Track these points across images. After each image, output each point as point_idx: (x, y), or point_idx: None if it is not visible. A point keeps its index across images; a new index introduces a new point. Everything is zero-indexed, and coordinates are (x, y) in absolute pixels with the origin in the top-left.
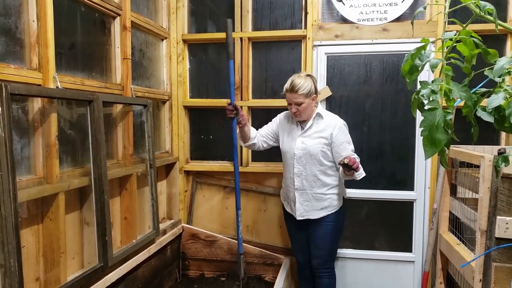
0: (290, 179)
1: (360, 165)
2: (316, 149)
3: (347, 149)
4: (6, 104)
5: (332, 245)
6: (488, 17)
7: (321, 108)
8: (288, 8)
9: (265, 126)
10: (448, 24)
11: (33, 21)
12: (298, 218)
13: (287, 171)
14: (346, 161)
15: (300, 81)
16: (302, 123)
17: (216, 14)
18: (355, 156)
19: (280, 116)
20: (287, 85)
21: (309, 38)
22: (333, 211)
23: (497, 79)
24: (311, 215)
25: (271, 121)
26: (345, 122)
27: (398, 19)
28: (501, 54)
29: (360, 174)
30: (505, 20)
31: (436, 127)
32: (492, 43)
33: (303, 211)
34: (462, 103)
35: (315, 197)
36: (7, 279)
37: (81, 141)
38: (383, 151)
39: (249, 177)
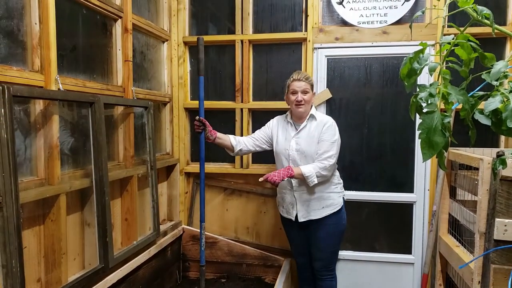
0: (286, 180)
1: (293, 173)
2: (310, 149)
3: (323, 147)
4: (8, 106)
5: (335, 247)
6: (485, 21)
7: (314, 110)
8: (289, 11)
9: (258, 131)
10: (448, 27)
11: (36, 23)
12: (301, 220)
13: None
14: (260, 179)
15: (307, 73)
16: (296, 124)
17: (217, 17)
18: (328, 156)
19: (274, 119)
20: (294, 75)
21: (309, 41)
22: (334, 210)
23: (494, 83)
24: (313, 216)
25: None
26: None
27: (398, 22)
28: (501, 57)
29: (311, 180)
30: (504, 24)
31: (434, 130)
32: (492, 46)
33: (304, 212)
34: (460, 106)
35: (316, 197)
36: (9, 279)
37: (83, 143)
38: (383, 153)
39: (249, 178)
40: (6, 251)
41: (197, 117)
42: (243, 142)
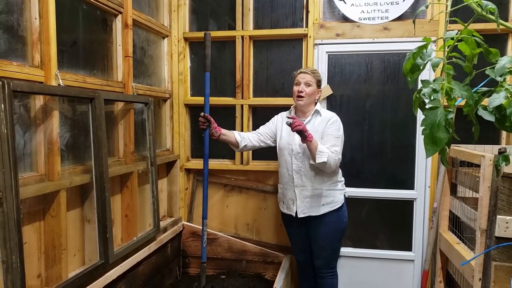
0: (288, 176)
1: (311, 139)
2: None
3: (329, 142)
4: (8, 101)
5: (335, 245)
6: (490, 16)
7: (320, 106)
8: (289, 7)
9: (262, 126)
10: (450, 23)
11: (35, 18)
12: (300, 215)
13: (284, 169)
14: (289, 121)
15: (315, 69)
16: (300, 119)
17: (217, 12)
18: (335, 150)
19: (278, 115)
20: (301, 69)
21: (310, 37)
22: (334, 208)
23: (499, 78)
24: (312, 212)
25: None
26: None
27: (399, 18)
28: (503, 53)
29: (320, 156)
30: (506, 20)
31: (437, 126)
32: (493, 42)
33: (304, 208)
34: (463, 102)
35: (316, 193)
36: (9, 275)
37: (83, 139)
38: (383, 150)
39: (249, 175)
40: (6, 246)
41: (202, 114)
42: (247, 138)
